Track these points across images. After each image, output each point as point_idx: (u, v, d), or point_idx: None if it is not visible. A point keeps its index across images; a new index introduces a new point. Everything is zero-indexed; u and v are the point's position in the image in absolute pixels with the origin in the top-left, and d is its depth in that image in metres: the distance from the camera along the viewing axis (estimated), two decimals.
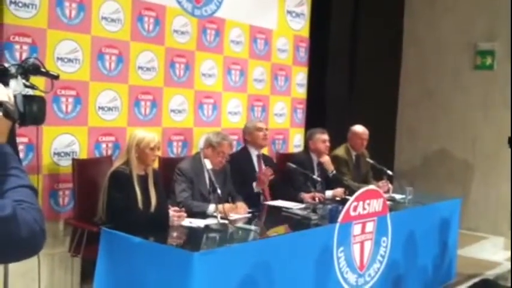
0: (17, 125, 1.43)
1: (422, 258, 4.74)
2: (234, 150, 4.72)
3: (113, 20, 4.32)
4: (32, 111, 1.42)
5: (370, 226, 4.09)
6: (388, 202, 4.38)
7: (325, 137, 5.02)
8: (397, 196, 4.98)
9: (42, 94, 1.49)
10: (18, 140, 3.58)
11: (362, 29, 6.98)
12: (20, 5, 3.75)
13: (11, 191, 1.24)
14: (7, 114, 1.31)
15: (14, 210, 1.18)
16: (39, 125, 1.46)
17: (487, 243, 6.66)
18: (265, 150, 5.12)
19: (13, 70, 1.45)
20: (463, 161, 7.13)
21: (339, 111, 6.60)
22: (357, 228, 3.98)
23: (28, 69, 1.50)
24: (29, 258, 1.27)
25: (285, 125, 5.93)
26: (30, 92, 1.51)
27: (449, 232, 5.10)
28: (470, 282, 5.22)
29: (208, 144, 4.10)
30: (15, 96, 1.39)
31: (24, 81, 1.45)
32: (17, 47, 3.76)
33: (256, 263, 3.28)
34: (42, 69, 1.55)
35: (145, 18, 4.54)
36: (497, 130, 6.72)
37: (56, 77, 1.62)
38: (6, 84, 1.40)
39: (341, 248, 3.85)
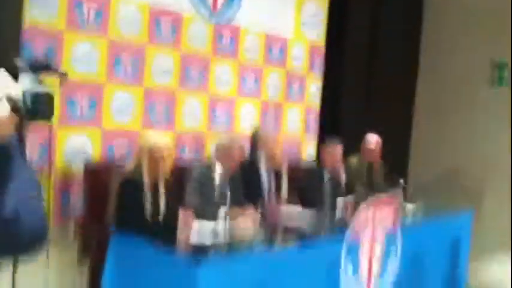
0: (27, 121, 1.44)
1: (433, 274, 4.67)
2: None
3: (130, 24, 4.35)
4: (40, 107, 1.43)
5: (379, 241, 4.04)
6: (399, 216, 4.32)
7: (329, 149, 4.91)
8: (409, 209, 4.92)
9: (51, 91, 1.49)
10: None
11: (379, 40, 6.95)
12: (39, 6, 3.79)
13: (15, 186, 1.24)
14: (15, 110, 1.32)
15: (17, 206, 1.18)
16: (47, 121, 1.47)
17: (499, 259, 6.58)
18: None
19: (23, 67, 1.46)
20: (477, 176, 7.05)
21: (353, 121, 6.56)
22: (365, 244, 3.93)
23: (37, 67, 1.51)
24: (33, 254, 1.27)
25: (298, 133, 5.91)
26: (43, 89, 1.52)
27: (460, 248, 5.03)
28: None
29: (219, 149, 4.10)
30: (24, 92, 1.40)
31: (33, 78, 1.46)
32: (35, 47, 3.79)
33: (262, 277, 3.23)
34: (51, 67, 1.56)
35: (162, 24, 4.57)
36: None
37: (65, 75, 1.63)
38: (15, 80, 1.42)
39: (349, 264, 3.80)
